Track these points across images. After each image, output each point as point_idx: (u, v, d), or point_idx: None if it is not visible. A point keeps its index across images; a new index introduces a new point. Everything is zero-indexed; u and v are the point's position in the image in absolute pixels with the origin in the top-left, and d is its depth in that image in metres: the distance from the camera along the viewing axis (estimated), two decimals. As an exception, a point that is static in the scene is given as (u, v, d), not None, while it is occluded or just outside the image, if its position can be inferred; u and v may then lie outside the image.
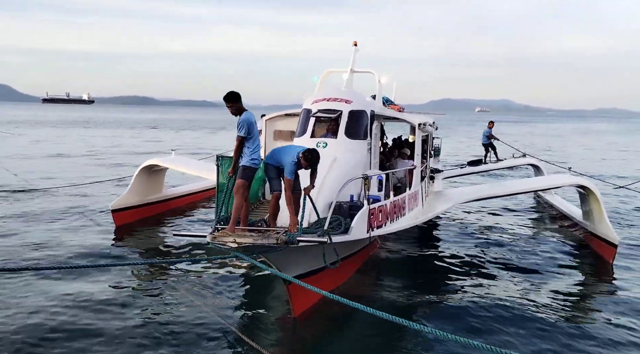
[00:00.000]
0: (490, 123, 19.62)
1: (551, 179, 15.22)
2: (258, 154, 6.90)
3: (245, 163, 6.77)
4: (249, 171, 6.81)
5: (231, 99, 6.85)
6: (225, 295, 8.52)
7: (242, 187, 6.74)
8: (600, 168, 28.99)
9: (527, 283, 9.56)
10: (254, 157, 6.80)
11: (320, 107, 9.39)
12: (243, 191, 6.75)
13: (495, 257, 11.14)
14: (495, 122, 20.09)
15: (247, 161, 6.77)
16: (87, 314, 7.63)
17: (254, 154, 6.80)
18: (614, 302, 8.75)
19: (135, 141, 44.39)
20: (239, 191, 6.73)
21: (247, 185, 6.82)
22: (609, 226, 11.20)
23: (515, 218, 15.48)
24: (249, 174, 6.82)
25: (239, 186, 6.75)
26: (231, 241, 6.29)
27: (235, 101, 6.86)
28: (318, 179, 7.40)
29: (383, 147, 12.41)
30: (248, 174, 6.81)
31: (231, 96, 6.87)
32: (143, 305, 8.03)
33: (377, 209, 7.85)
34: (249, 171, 6.81)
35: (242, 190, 6.73)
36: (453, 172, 19.18)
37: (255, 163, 6.83)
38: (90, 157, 29.45)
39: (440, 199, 12.66)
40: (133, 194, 13.23)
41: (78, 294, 8.33)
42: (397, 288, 9.11)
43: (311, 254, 6.96)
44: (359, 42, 11.83)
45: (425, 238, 12.66)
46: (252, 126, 6.79)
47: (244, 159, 6.81)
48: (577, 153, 41.57)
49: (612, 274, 10.25)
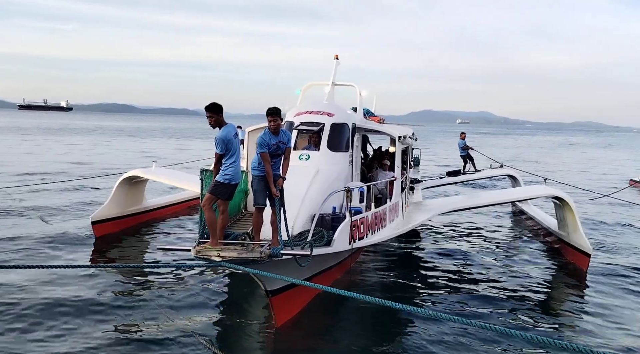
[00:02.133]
0: (462, 134, 20.01)
1: (527, 190, 15.61)
2: (234, 170, 6.76)
3: (217, 178, 6.71)
4: (221, 186, 6.71)
5: (213, 110, 6.73)
6: (205, 306, 8.53)
7: (209, 202, 6.68)
8: (577, 179, 29.76)
9: (504, 291, 9.79)
10: (227, 173, 6.70)
11: (303, 120, 9.54)
12: (210, 205, 6.68)
13: (473, 267, 11.38)
14: (466, 134, 20.51)
15: (220, 176, 6.71)
16: (55, 322, 7.62)
17: (228, 170, 6.70)
18: (586, 309, 9.02)
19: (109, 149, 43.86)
20: (205, 205, 6.69)
21: (216, 200, 6.72)
22: (582, 236, 11.54)
23: (493, 228, 15.80)
24: (220, 189, 6.72)
25: (206, 200, 6.70)
26: (215, 255, 6.37)
27: (217, 112, 6.74)
28: (301, 191, 7.49)
29: (365, 158, 12.61)
30: (219, 190, 6.71)
31: (213, 106, 6.75)
32: (118, 316, 7.98)
33: (359, 221, 7.99)
34: (221, 187, 6.71)
35: (208, 204, 6.67)
36: (432, 182, 19.50)
37: (228, 179, 6.72)
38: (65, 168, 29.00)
39: (420, 209, 12.89)
40: (113, 206, 13.12)
41: (53, 298, 8.34)
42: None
43: (293, 268, 7.05)
44: (340, 53, 12.03)
45: (405, 248, 12.84)
46: (230, 142, 6.67)
47: (219, 174, 6.76)
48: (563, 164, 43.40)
49: (585, 282, 10.56)
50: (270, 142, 6.81)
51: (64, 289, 8.94)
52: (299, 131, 9.50)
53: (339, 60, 11.94)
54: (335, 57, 11.95)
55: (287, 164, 7.06)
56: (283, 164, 7.03)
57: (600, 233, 15.10)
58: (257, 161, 6.91)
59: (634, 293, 9.98)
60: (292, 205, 7.29)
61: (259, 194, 6.90)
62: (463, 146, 19.48)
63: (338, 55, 12.02)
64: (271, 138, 6.83)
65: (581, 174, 34.62)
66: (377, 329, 7.89)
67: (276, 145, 6.87)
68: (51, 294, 8.67)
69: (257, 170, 6.89)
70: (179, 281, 9.62)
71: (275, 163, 6.92)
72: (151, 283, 9.53)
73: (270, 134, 6.85)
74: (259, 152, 6.82)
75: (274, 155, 6.88)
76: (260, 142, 6.81)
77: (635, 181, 26.86)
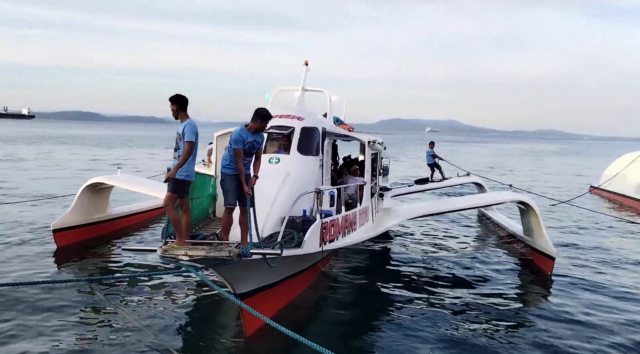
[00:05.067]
0: (431, 144, 20.44)
1: (494, 195, 15.95)
2: (192, 167, 6.53)
3: (177, 176, 6.38)
4: (182, 183, 6.45)
5: (173, 100, 6.50)
6: (170, 315, 8.26)
7: (172, 201, 6.43)
8: (541, 185, 30.64)
9: (470, 295, 9.91)
10: (187, 170, 6.44)
11: (273, 124, 9.48)
12: (173, 205, 6.43)
13: (440, 272, 11.48)
14: (435, 143, 20.99)
15: (179, 174, 6.38)
16: (18, 335, 7.26)
17: (188, 166, 6.44)
18: (550, 311, 9.18)
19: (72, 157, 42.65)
20: (168, 204, 6.42)
21: (177, 197, 6.47)
22: (547, 240, 11.82)
23: (460, 233, 16.03)
24: (181, 186, 6.45)
25: (168, 199, 6.41)
26: (182, 254, 6.18)
27: (178, 102, 6.49)
28: (271, 193, 7.39)
29: (335, 165, 12.64)
30: (180, 187, 6.45)
31: (174, 97, 6.52)
32: (81, 327, 7.69)
33: (330, 223, 7.97)
34: (181, 184, 6.45)
35: (172, 203, 6.42)
36: (401, 190, 19.70)
37: (187, 176, 6.47)
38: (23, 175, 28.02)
39: (390, 215, 12.98)
40: (76, 213, 12.70)
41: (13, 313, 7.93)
42: (346, 303, 9.22)
43: (263, 269, 6.95)
44: (310, 61, 12.07)
45: (373, 254, 12.87)
46: (197, 137, 6.48)
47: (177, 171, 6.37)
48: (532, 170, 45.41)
49: (550, 285, 10.79)
50: (247, 139, 6.69)
51: (24, 303, 8.54)
52: (269, 135, 9.44)
53: (308, 67, 11.98)
54: (305, 63, 11.99)
55: (258, 163, 6.96)
56: (254, 164, 6.92)
57: (563, 237, 15.52)
58: (228, 159, 6.72)
59: (596, 293, 10.26)
60: (262, 208, 7.19)
61: (230, 194, 6.71)
62: (432, 154, 19.86)
63: (308, 61, 12.06)
64: (248, 136, 6.72)
65: (545, 180, 35.63)
66: (349, 338, 7.81)
67: (251, 143, 6.76)
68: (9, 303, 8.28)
69: (229, 168, 6.69)
70: (142, 291, 9.32)
71: (247, 162, 6.79)
72: (117, 293, 9.21)
73: (247, 132, 6.73)
74: (232, 147, 6.62)
75: (247, 154, 6.75)
76: (235, 138, 6.63)
77: (594, 187, 27.83)
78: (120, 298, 8.96)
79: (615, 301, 9.82)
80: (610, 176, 27.18)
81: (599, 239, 15.63)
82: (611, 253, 13.71)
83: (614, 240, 15.69)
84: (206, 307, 8.80)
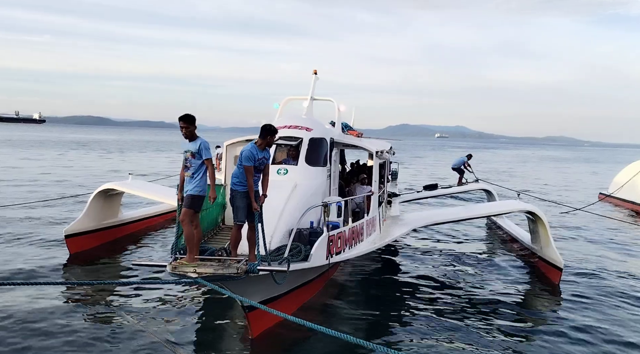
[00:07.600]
0: (469, 156, 21.03)
1: (502, 205, 15.93)
2: (205, 182, 6.75)
3: (191, 192, 6.62)
4: (198, 199, 6.67)
5: (187, 120, 6.78)
6: (180, 316, 8.44)
7: (188, 216, 6.61)
8: (551, 191, 30.48)
9: (476, 303, 9.93)
10: (201, 185, 6.68)
11: (282, 134, 9.60)
12: (190, 220, 6.63)
13: (449, 279, 11.50)
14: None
15: (193, 189, 6.63)
16: (31, 337, 7.42)
17: (201, 182, 6.67)
18: (557, 323, 9.17)
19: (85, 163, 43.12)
20: (184, 220, 6.61)
21: (193, 213, 6.68)
22: (554, 250, 11.79)
23: (468, 241, 16.02)
24: (197, 202, 6.68)
25: (184, 214, 6.60)
26: (191, 271, 6.33)
27: (191, 123, 6.79)
28: (279, 205, 7.49)
29: (342, 172, 12.71)
30: (197, 203, 6.67)
31: (188, 117, 6.80)
32: (92, 330, 7.82)
33: (336, 236, 8.04)
34: (197, 199, 6.66)
35: (188, 219, 6.61)
36: (410, 196, 19.75)
37: (202, 191, 6.70)
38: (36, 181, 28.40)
39: (397, 223, 13.01)
40: (88, 219, 12.89)
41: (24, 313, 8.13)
42: (353, 312, 9.27)
43: (270, 282, 7.04)
44: (318, 68, 12.19)
45: (382, 262, 12.92)
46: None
47: (189, 186, 6.66)
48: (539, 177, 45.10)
49: (558, 295, 10.76)
50: (257, 156, 6.87)
51: (37, 305, 8.72)
52: (277, 144, 9.55)
53: (317, 76, 12.08)
54: (314, 72, 12.10)
55: (267, 180, 7.11)
56: (263, 181, 7.06)
57: (572, 247, 15.44)
58: (238, 175, 6.87)
59: (605, 305, 10.21)
60: (269, 220, 7.31)
61: (240, 211, 6.84)
62: (465, 162, 20.46)
63: (317, 70, 12.17)
64: (258, 152, 6.90)
65: (554, 187, 35.43)
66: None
67: (261, 160, 6.94)
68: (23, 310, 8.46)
69: (240, 186, 6.84)
70: (151, 297, 9.47)
71: (256, 179, 6.92)
72: (125, 296, 9.38)
73: (257, 149, 6.91)
74: (244, 164, 6.78)
75: (256, 170, 6.91)
76: (247, 156, 6.80)
77: (604, 195, 27.58)
78: (125, 300, 9.13)
79: (624, 312, 9.78)
80: (620, 183, 26.94)
81: (609, 248, 15.53)
82: (621, 263, 13.63)
83: (623, 250, 15.58)
84: (212, 312, 8.90)
